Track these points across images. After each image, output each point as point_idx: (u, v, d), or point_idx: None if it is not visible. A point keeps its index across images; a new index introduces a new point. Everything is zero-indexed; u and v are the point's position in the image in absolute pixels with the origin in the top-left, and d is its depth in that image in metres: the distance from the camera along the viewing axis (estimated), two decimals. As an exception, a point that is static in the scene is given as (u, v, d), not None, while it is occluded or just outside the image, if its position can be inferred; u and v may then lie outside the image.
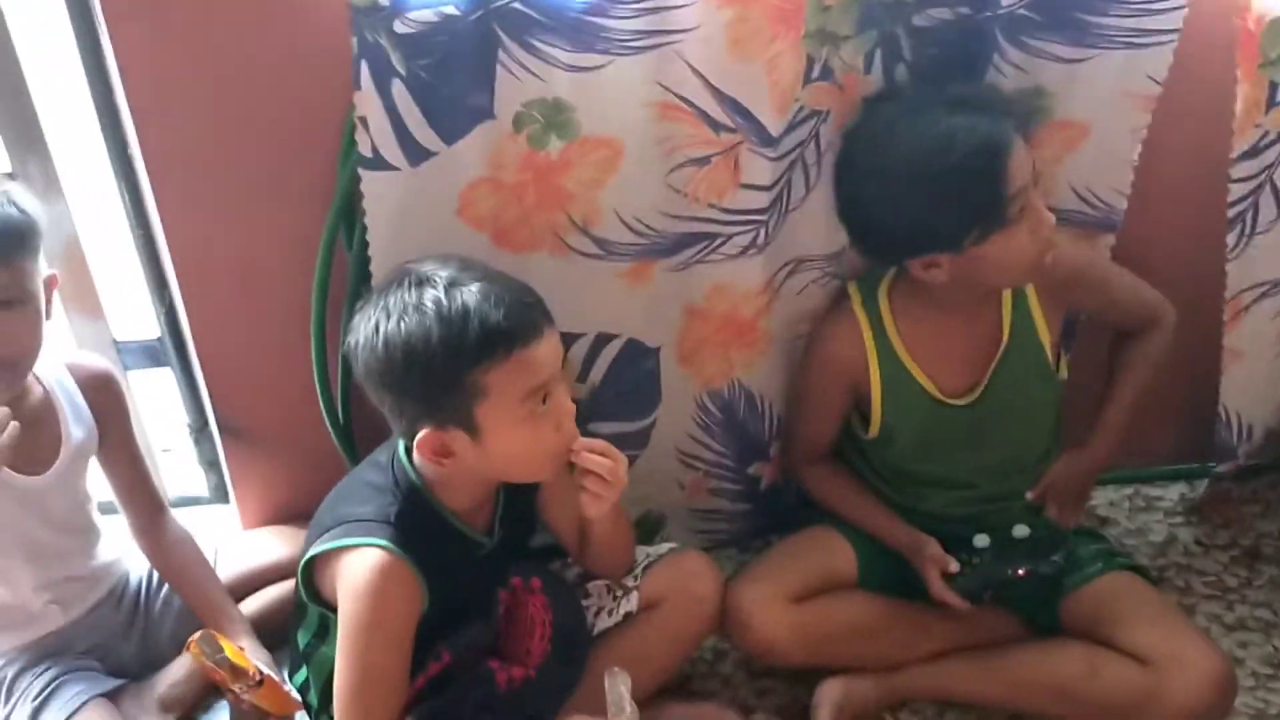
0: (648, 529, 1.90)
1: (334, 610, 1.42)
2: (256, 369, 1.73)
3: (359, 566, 1.37)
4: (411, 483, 1.42)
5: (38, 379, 1.55)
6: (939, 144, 1.43)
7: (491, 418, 1.32)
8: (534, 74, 1.42)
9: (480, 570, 1.50)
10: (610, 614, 1.63)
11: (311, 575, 1.47)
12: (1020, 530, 1.63)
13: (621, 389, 1.70)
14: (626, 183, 1.52)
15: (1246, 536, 2.00)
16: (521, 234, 1.56)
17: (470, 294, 1.30)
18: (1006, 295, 1.63)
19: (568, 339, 1.61)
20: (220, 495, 2.05)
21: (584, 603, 1.64)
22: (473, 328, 1.28)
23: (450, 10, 1.36)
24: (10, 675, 1.58)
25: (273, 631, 1.68)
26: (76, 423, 1.59)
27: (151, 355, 1.89)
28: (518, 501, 1.53)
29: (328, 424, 1.72)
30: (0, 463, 1.39)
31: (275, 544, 1.86)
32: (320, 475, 1.83)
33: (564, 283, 1.56)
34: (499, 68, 1.41)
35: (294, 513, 1.88)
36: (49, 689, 1.56)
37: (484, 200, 1.52)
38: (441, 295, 1.29)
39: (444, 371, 1.29)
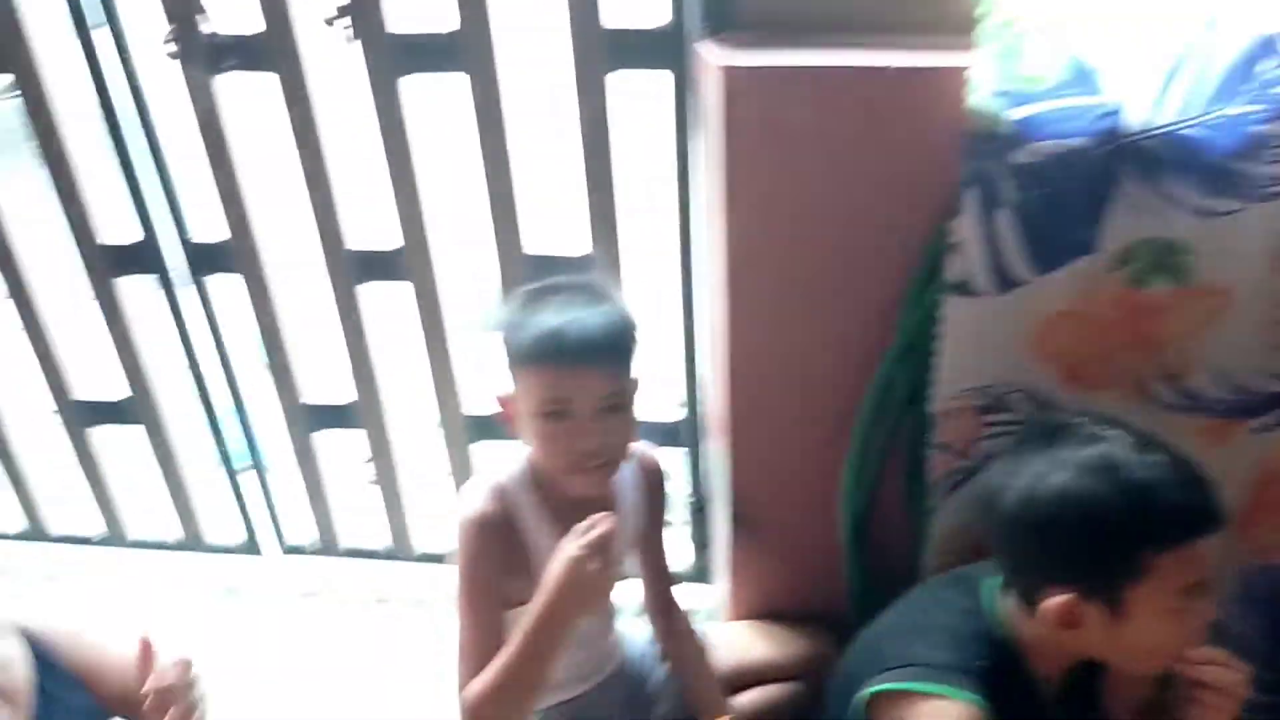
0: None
1: None
2: (783, 464, 1.75)
3: (938, 717, 1.28)
4: (1006, 638, 1.32)
5: None
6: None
7: (1144, 602, 1.21)
8: (1152, 213, 1.35)
9: None
10: None
11: (867, 710, 1.38)
12: None
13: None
14: (1228, 336, 1.41)
15: None
16: (1096, 372, 1.47)
17: (1162, 467, 1.20)
18: None
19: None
20: (701, 575, 2.10)
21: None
22: (1164, 503, 1.18)
23: (1076, 144, 1.31)
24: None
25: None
26: (634, 511, 1.66)
27: (670, 436, 1.96)
28: (1088, 676, 1.41)
29: (844, 532, 1.71)
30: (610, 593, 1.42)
31: (761, 641, 1.86)
32: (817, 577, 1.85)
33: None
34: (1113, 204, 1.35)
35: (779, 611, 1.89)
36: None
37: (1064, 334, 1.46)
38: (1132, 461, 1.20)
39: (1118, 541, 1.20)
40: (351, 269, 1.89)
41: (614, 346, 1.44)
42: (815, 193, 1.50)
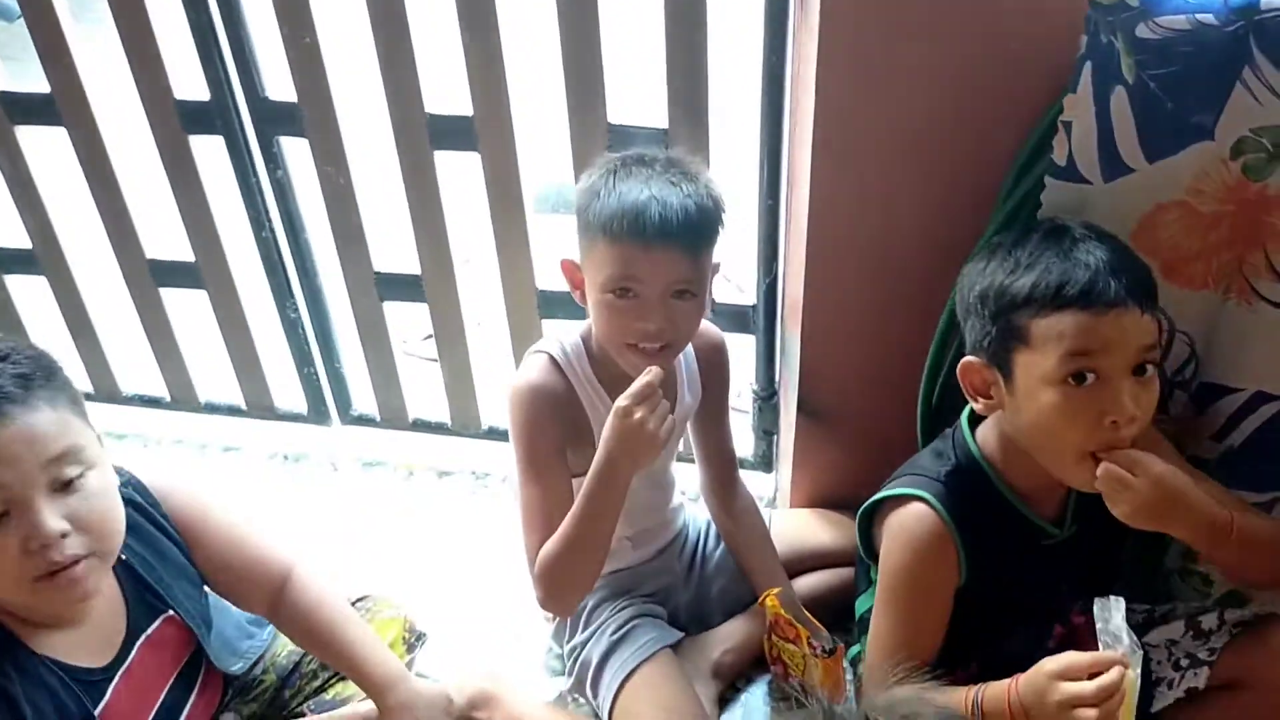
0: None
1: None
2: (857, 355, 1.71)
3: (902, 517, 1.37)
4: (969, 450, 1.39)
5: None
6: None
7: (1028, 370, 1.25)
8: (1278, 100, 1.26)
9: (1045, 562, 1.40)
10: (1171, 686, 1.45)
11: (869, 528, 1.48)
12: None
13: (1263, 457, 1.51)
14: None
15: None
16: (1197, 268, 1.41)
17: (1071, 244, 1.24)
18: None
19: (1220, 391, 1.46)
20: (764, 464, 2.08)
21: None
22: (1043, 270, 1.22)
23: (1206, 19, 1.23)
24: (590, 604, 1.68)
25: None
26: (689, 387, 1.64)
27: (740, 321, 1.92)
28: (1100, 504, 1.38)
29: (920, 424, 1.67)
30: (661, 449, 1.39)
31: (821, 527, 1.86)
32: (883, 466, 1.81)
33: (1234, 329, 1.41)
34: (1238, 86, 1.27)
35: (841, 500, 1.87)
36: (625, 629, 1.64)
37: (1168, 226, 1.39)
38: (1044, 237, 1.27)
39: (1001, 303, 1.26)
40: (425, 135, 1.85)
41: (695, 231, 1.39)
42: (916, 58, 1.43)
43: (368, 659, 1.42)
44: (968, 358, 1.33)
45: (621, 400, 1.37)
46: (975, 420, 1.43)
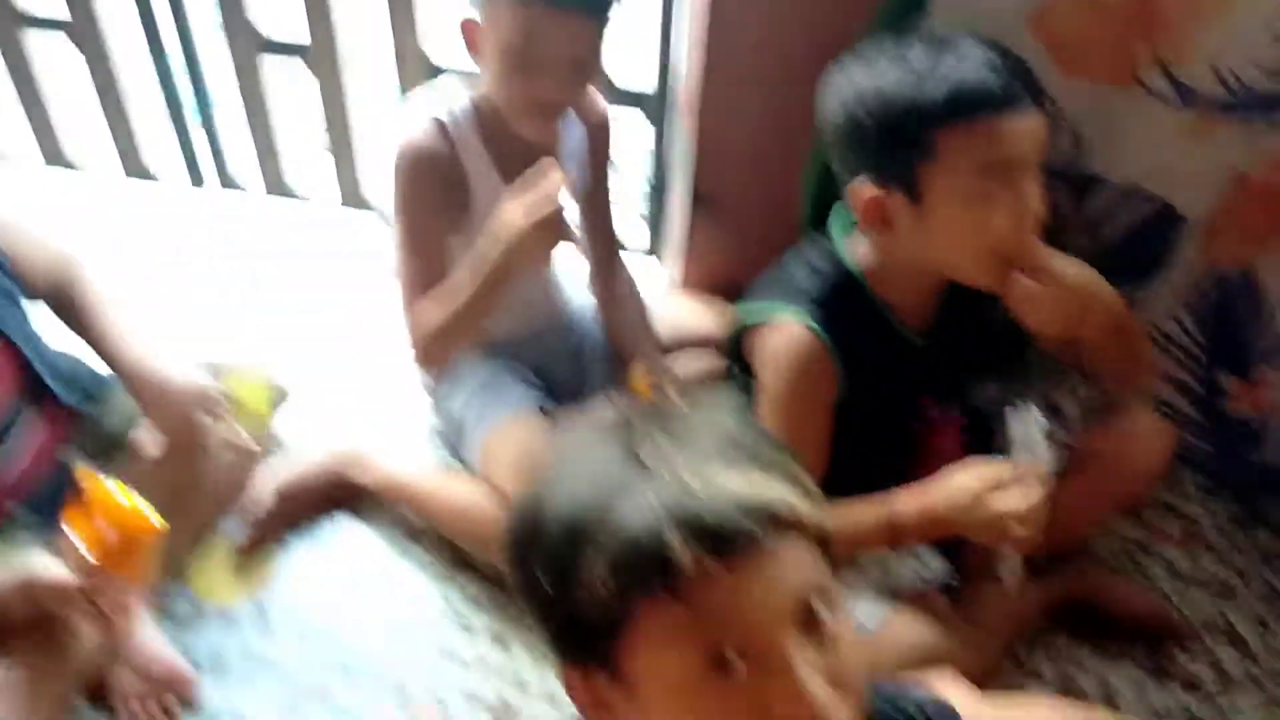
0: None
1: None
2: (749, 145, 1.69)
3: (777, 339, 1.34)
4: (843, 262, 1.35)
5: None
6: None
7: (938, 182, 1.20)
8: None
9: (907, 372, 1.41)
10: None
11: (739, 345, 1.45)
12: None
13: (1132, 252, 1.54)
14: (1234, 25, 1.34)
15: None
16: (1092, 59, 1.41)
17: (961, 50, 1.18)
18: None
19: (1099, 183, 1.48)
20: (654, 252, 2.07)
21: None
22: (942, 80, 1.17)
23: None
24: (463, 366, 1.67)
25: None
26: (572, 161, 1.61)
27: (634, 106, 1.88)
28: (967, 307, 1.39)
29: (804, 213, 1.66)
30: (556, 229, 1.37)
31: (706, 313, 1.86)
32: (770, 255, 1.81)
33: (1117, 120, 1.42)
34: None
35: (728, 288, 1.87)
36: (494, 386, 1.64)
37: (1067, 16, 1.38)
38: (929, 47, 1.19)
39: (902, 119, 1.18)
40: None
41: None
42: None
43: (128, 359, 1.42)
44: (859, 186, 1.26)
45: (517, 208, 1.35)
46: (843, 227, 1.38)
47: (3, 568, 1.26)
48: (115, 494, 1.22)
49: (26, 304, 1.42)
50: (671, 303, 1.91)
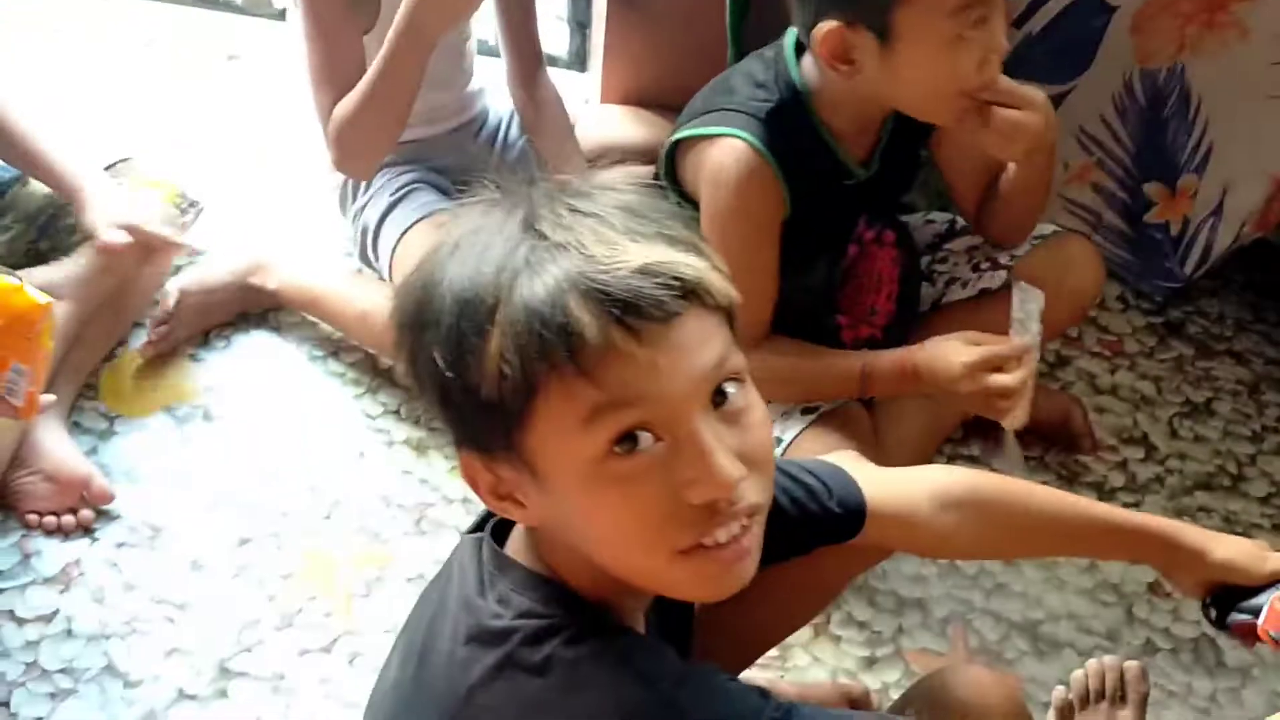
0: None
1: (692, 202, 1.36)
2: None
3: (720, 156, 1.29)
4: (793, 85, 1.29)
5: None
6: None
7: (913, 27, 1.17)
8: None
9: (844, 202, 1.39)
10: (965, 286, 1.51)
11: (674, 161, 1.40)
12: None
13: (1056, 45, 1.50)
14: None
15: None
16: None
17: None
18: None
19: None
20: (578, 62, 2.00)
21: (938, 269, 1.54)
22: None
23: None
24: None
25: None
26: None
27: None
28: (905, 141, 1.39)
29: (730, 14, 1.60)
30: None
31: (631, 124, 1.82)
32: (696, 64, 1.75)
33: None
34: None
35: (655, 97, 1.82)
36: (405, 190, 1.60)
37: None
38: None
39: None
40: None
41: None
42: None
43: (56, 157, 1.41)
44: (825, 24, 1.19)
45: None
46: (799, 49, 1.32)
47: None
48: None
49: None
50: (596, 113, 1.85)
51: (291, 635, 1.37)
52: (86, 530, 1.43)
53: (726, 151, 1.28)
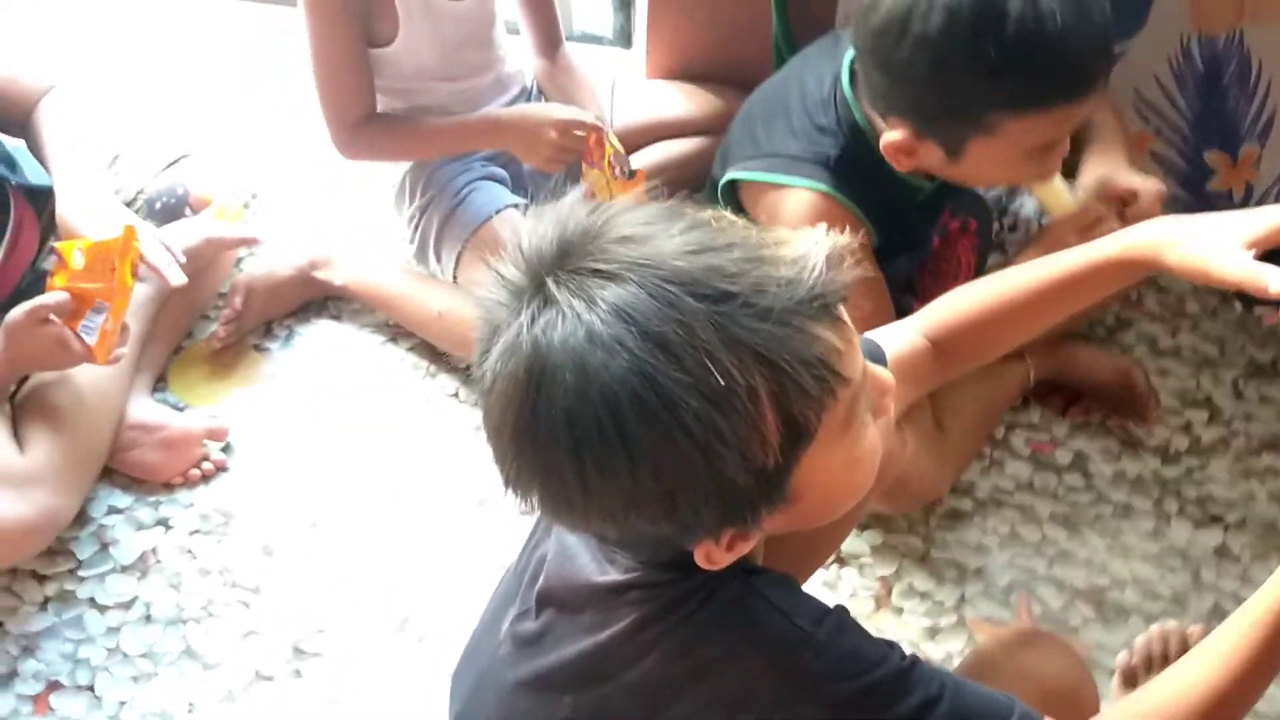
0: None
1: None
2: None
3: (798, 210, 1.29)
4: (856, 126, 1.29)
5: None
6: None
7: (985, 154, 1.18)
8: None
9: (924, 208, 1.40)
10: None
11: (733, 193, 1.39)
12: None
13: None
14: None
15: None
16: None
17: (1044, 18, 1.07)
18: None
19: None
20: (623, 39, 2.00)
21: (1009, 237, 1.55)
22: (1040, 74, 1.10)
23: None
24: (428, 170, 1.64)
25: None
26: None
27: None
28: None
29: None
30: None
31: (678, 98, 1.81)
32: (741, 39, 1.76)
33: None
34: None
35: (700, 71, 1.82)
36: (464, 192, 1.61)
37: None
38: (1012, 8, 1.07)
39: (970, 99, 1.13)
40: None
41: None
42: None
43: (62, 181, 1.42)
44: (893, 135, 1.20)
45: (555, 116, 1.50)
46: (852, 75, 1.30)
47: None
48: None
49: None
50: (641, 89, 1.85)
51: (361, 616, 1.40)
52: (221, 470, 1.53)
53: (805, 205, 1.28)
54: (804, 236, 0.70)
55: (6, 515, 1.30)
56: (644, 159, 1.70)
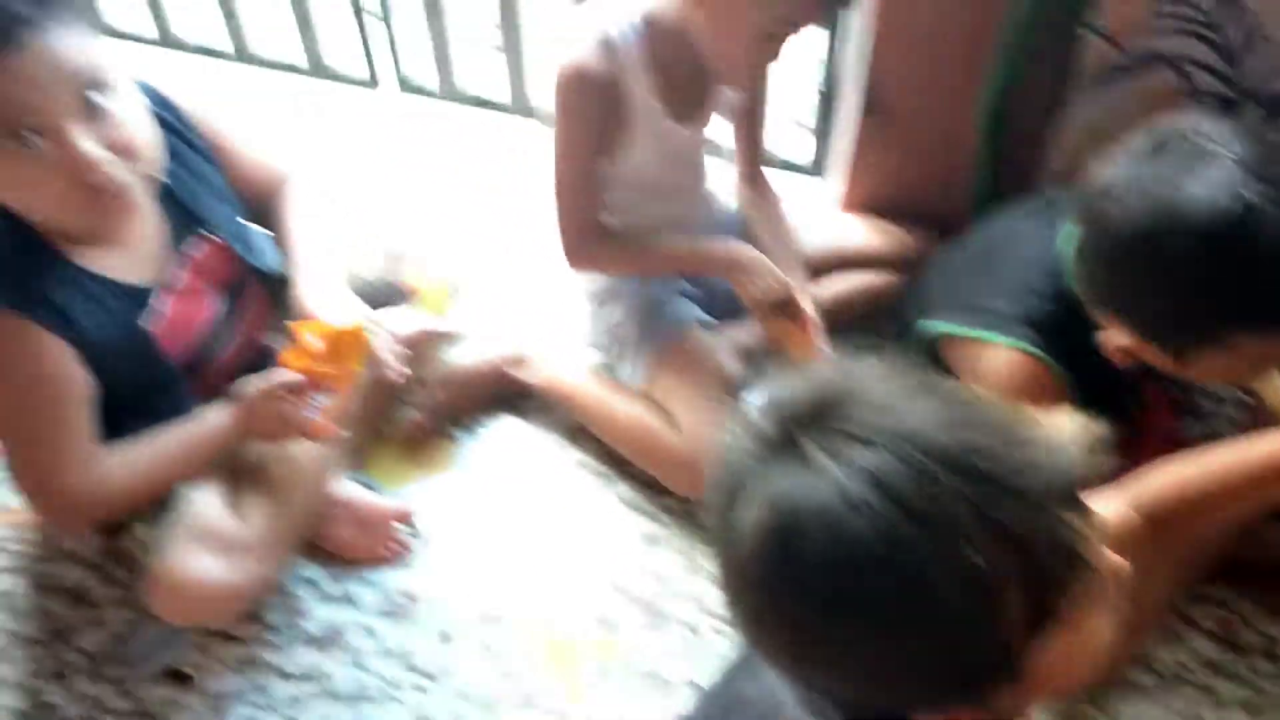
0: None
1: None
2: (928, 50, 1.64)
3: (1000, 366, 1.29)
4: (1068, 292, 1.26)
5: None
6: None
7: (1209, 364, 1.15)
8: None
9: (1122, 384, 1.35)
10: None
11: (929, 341, 1.41)
12: None
13: None
14: None
15: None
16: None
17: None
18: None
19: None
20: (817, 169, 2.05)
21: (1203, 403, 1.52)
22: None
23: None
24: (625, 282, 1.71)
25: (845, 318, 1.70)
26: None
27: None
28: None
29: (981, 121, 1.63)
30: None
31: (868, 233, 1.84)
32: (940, 181, 1.78)
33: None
34: None
35: (892, 207, 1.85)
36: (656, 306, 1.68)
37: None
38: (1263, 222, 1.04)
39: (1208, 314, 1.11)
40: None
41: None
42: None
43: (303, 267, 1.49)
44: (1120, 338, 1.19)
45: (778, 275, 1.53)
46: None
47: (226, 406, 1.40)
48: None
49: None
50: (834, 220, 1.89)
51: (529, 715, 1.44)
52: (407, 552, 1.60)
53: (1011, 365, 1.28)
54: (1053, 419, 0.72)
55: (218, 579, 1.38)
56: (830, 286, 1.74)
